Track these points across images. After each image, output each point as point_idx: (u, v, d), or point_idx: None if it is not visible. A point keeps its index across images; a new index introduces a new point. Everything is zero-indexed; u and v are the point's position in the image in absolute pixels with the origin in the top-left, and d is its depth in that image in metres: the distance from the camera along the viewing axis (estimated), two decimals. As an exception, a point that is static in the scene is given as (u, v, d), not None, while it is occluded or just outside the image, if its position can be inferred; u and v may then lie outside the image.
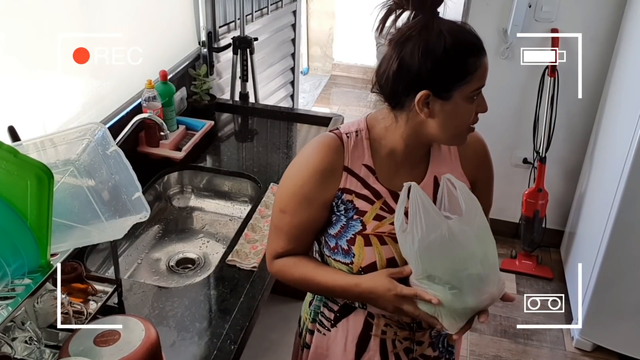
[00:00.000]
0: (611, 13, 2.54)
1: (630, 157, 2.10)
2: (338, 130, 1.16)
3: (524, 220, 2.85)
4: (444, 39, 0.99)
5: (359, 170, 1.13)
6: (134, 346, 1.06)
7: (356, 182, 1.13)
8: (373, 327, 1.22)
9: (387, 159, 1.14)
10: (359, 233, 1.12)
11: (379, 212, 1.13)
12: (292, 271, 1.18)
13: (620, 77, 2.43)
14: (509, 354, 2.46)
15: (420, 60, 1.00)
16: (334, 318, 1.25)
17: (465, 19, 2.66)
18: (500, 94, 2.77)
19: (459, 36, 1.01)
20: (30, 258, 1.05)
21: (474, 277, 1.05)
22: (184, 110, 2.30)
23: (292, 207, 1.14)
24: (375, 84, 1.08)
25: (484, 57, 1.02)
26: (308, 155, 1.14)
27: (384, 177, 1.14)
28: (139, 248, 1.79)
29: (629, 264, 2.25)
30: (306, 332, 1.32)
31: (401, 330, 1.22)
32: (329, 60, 5.48)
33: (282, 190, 1.16)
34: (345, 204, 1.13)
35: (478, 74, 1.01)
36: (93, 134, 1.25)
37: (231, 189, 2.02)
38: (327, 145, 1.13)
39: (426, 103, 1.03)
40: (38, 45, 1.54)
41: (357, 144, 1.13)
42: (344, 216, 1.13)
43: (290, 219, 1.14)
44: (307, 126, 2.34)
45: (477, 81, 1.02)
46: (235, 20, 2.68)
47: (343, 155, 1.12)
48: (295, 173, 1.14)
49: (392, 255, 1.12)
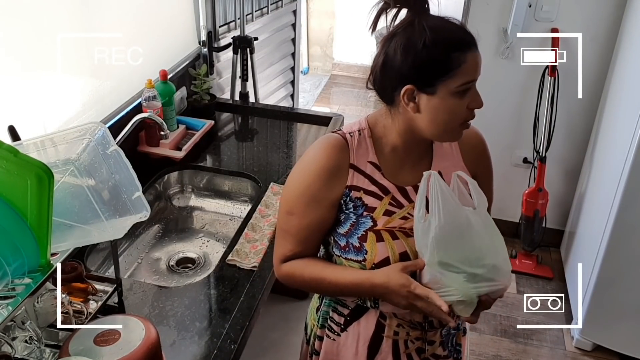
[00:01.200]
0: (611, 13, 2.54)
1: (630, 157, 2.10)
2: (340, 131, 1.17)
3: (524, 219, 2.85)
4: (425, 35, 1.01)
5: (365, 167, 1.14)
6: (134, 346, 1.06)
7: (363, 179, 1.14)
8: (385, 328, 1.21)
9: (390, 155, 1.15)
10: (370, 229, 1.12)
11: (388, 207, 1.13)
12: (302, 273, 1.17)
13: (620, 77, 2.43)
14: (509, 354, 2.46)
15: (402, 56, 1.02)
16: (344, 322, 1.23)
17: (466, 18, 2.66)
18: (500, 94, 2.77)
19: (442, 32, 1.02)
20: (30, 257, 1.05)
21: (490, 267, 1.06)
22: (184, 110, 2.30)
23: (300, 209, 1.13)
24: (370, 81, 1.11)
25: (470, 52, 1.02)
26: (313, 156, 1.14)
27: (390, 173, 1.15)
28: (139, 247, 1.79)
29: (629, 264, 2.25)
30: (314, 338, 1.30)
31: (413, 330, 1.21)
32: (329, 60, 5.48)
33: (289, 193, 1.15)
34: (354, 201, 1.13)
35: (463, 69, 1.01)
36: (93, 134, 1.25)
37: (231, 189, 2.02)
38: (332, 144, 1.14)
39: (412, 98, 1.05)
40: (38, 45, 1.54)
41: (360, 143, 1.14)
42: (353, 214, 1.14)
43: (299, 220, 1.14)
44: (307, 126, 2.34)
45: (463, 76, 1.02)
46: (235, 20, 2.68)
47: (348, 154, 1.13)
48: (302, 174, 1.14)
49: (404, 250, 1.12)
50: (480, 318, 1.12)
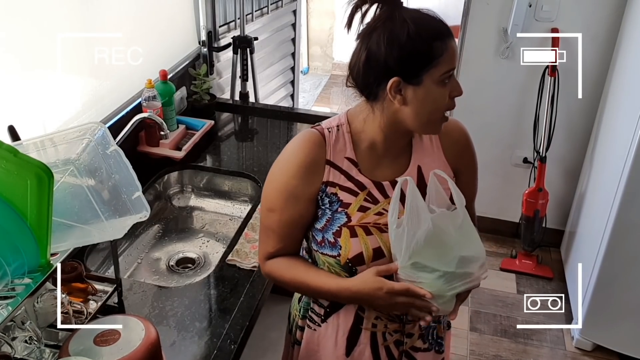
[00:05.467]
0: (611, 13, 2.54)
1: (630, 157, 2.10)
2: (320, 126, 1.18)
3: (524, 219, 2.85)
4: (407, 27, 1.01)
5: (342, 163, 1.15)
6: (134, 346, 1.06)
7: (339, 175, 1.15)
8: (364, 321, 1.22)
9: (368, 151, 1.16)
10: (344, 225, 1.14)
11: (363, 203, 1.15)
12: (283, 273, 1.20)
13: (620, 77, 2.43)
14: (509, 354, 2.46)
15: (387, 49, 1.03)
16: (324, 313, 1.25)
17: (466, 18, 2.66)
18: (501, 94, 2.76)
19: (422, 22, 1.03)
20: (30, 257, 1.05)
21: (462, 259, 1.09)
22: (184, 110, 2.30)
23: (279, 205, 1.15)
24: (349, 78, 1.12)
25: (449, 41, 1.04)
26: (291, 152, 1.16)
27: (367, 169, 1.16)
28: (139, 247, 1.79)
29: (629, 263, 2.25)
30: (296, 328, 1.33)
31: (391, 323, 1.23)
32: (329, 60, 5.48)
33: (268, 189, 1.17)
34: (330, 197, 1.15)
35: (445, 57, 1.03)
36: (93, 134, 1.25)
37: (231, 189, 2.02)
38: (309, 140, 1.15)
39: (398, 90, 1.06)
40: (38, 45, 1.54)
41: (338, 138, 1.15)
42: (328, 209, 1.15)
43: (279, 216, 1.16)
44: (307, 126, 2.33)
45: (445, 64, 1.03)
46: (235, 20, 2.68)
47: (325, 149, 1.14)
48: (280, 171, 1.15)
49: (378, 245, 1.13)
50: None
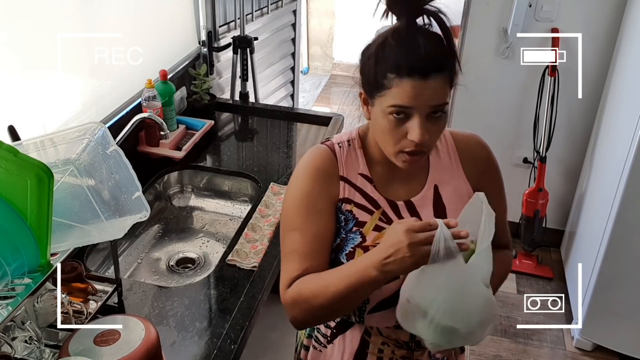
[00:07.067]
0: (611, 13, 2.54)
1: (630, 157, 2.10)
2: (329, 141, 1.15)
3: (524, 219, 2.85)
4: (377, 45, 1.01)
5: (356, 180, 1.12)
6: (134, 346, 1.06)
7: (354, 192, 1.11)
8: (370, 345, 1.17)
9: (382, 167, 1.12)
10: (358, 245, 1.09)
11: (379, 222, 1.10)
12: (304, 291, 1.04)
13: (620, 77, 2.43)
14: (509, 354, 2.46)
15: (359, 59, 1.06)
16: (330, 334, 1.21)
17: (466, 18, 2.66)
18: (501, 94, 2.76)
19: (394, 48, 0.97)
20: (30, 257, 1.05)
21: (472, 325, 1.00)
22: (184, 110, 2.30)
23: (300, 221, 1.09)
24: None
25: (408, 79, 0.95)
26: (303, 168, 1.13)
27: (381, 186, 1.12)
28: (139, 248, 1.79)
29: (629, 264, 2.25)
30: (301, 347, 1.29)
31: (399, 349, 1.18)
32: (329, 60, 5.48)
33: (286, 209, 1.12)
34: (345, 214, 1.11)
35: (393, 92, 0.97)
36: (93, 134, 1.25)
37: (231, 189, 2.02)
38: (319, 155, 1.13)
39: (366, 102, 1.06)
40: (38, 45, 1.54)
41: (349, 153, 1.13)
42: (343, 229, 1.11)
43: (301, 234, 1.08)
44: (307, 126, 2.34)
45: (391, 98, 0.97)
46: (235, 20, 2.68)
47: (337, 165, 1.11)
48: (296, 187, 1.11)
49: None
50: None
